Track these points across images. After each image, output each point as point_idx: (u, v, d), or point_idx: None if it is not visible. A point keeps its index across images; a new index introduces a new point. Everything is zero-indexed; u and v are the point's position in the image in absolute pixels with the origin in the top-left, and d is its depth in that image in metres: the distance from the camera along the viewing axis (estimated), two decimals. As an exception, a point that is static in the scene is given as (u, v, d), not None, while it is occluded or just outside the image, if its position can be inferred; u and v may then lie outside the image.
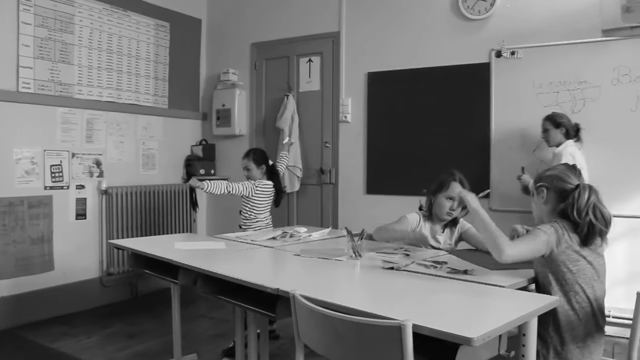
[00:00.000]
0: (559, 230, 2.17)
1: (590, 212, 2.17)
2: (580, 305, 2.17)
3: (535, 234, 2.19)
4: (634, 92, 4.08)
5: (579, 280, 2.17)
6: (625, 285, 3.95)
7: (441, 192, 2.98)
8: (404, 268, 2.36)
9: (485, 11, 4.58)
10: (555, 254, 2.16)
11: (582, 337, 2.17)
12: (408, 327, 1.48)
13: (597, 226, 2.17)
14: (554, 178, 2.31)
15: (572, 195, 2.21)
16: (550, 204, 2.31)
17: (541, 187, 2.34)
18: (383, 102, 5.05)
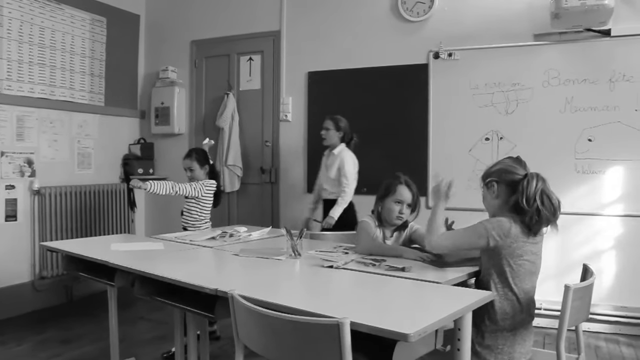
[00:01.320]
0: (507, 224, 2.23)
1: (537, 199, 2.22)
2: (516, 296, 2.25)
3: (474, 227, 2.26)
4: (563, 94, 4.27)
5: (519, 274, 2.25)
6: (555, 279, 4.11)
7: (389, 197, 2.95)
8: (343, 266, 2.38)
9: (424, 13, 4.68)
10: (500, 247, 2.22)
11: (515, 327, 2.25)
12: (346, 325, 1.50)
13: (543, 213, 2.22)
14: (502, 171, 2.37)
15: (521, 185, 2.27)
16: (501, 198, 2.35)
17: (491, 182, 2.39)
18: (324, 102, 5.07)
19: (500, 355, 2.24)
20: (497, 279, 2.25)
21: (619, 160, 4.17)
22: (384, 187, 2.99)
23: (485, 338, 2.25)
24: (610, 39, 4.17)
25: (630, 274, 4.21)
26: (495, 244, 2.21)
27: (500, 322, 2.24)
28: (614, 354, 3.80)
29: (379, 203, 3.00)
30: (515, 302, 2.25)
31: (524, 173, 2.31)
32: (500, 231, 2.21)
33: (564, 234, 4.24)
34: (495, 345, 2.24)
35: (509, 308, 2.24)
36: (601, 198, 4.23)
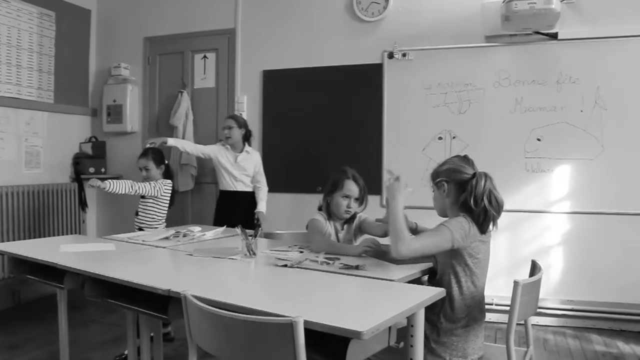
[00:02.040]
0: (466, 224, 2.26)
1: (485, 198, 2.28)
2: (470, 292, 2.30)
3: (439, 230, 2.25)
4: (513, 95, 4.39)
5: (476, 270, 2.30)
6: (506, 275, 4.23)
7: (336, 192, 2.99)
8: (297, 265, 2.38)
9: (379, 13, 4.72)
10: (462, 248, 2.25)
11: (469, 323, 2.30)
12: (299, 324, 1.50)
13: (489, 211, 2.28)
14: (451, 171, 2.40)
15: (470, 184, 2.31)
16: (451, 197, 2.39)
17: (441, 182, 2.42)
18: (279, 100, 5.07)
19: (455, 352, 2.28)
20: (457, 277, 2.29)
21: (565, 159, 4.31)
22: (332, 182, 3.02)
23: (440, 335, 2.28)
24: (557, 42, 4.31)
25: (576, 269, 4.36)
26: (458, 245, 2.24)
27: (457, 319, 2.28)
28: (561, 347, 3.93)
29: (327, 198, 3.04)
30: (473, 299, 2.30)
31: (473, 172, 2.36)
32: (463, 233, 2.24)
33: (514, 231, 4.40)
34: (450, 342, 2.28)
35: (466, 305, 2.29)
36: (549, 196, 4.36)
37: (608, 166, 4.23)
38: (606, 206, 4.25)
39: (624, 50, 4.19)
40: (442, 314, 2.28)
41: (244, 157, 4.55)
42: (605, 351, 3.84)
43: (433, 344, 2.29)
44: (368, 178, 3.15)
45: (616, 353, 3.80)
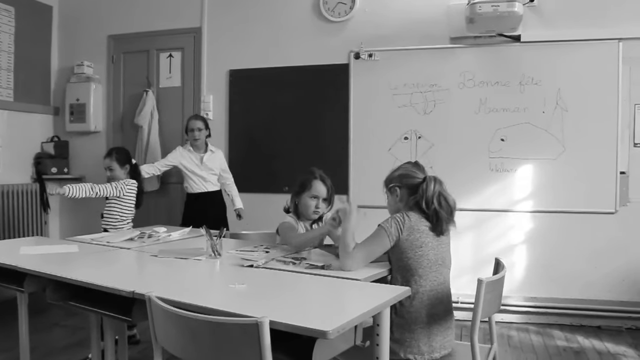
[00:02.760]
0: (400, 218, 2.34)
1: (435, 201, 2.37)
2: (424, 289, 2.31)
3: (375, 232, 2.36)
4: (477, 95, 4.45)
5: (422, 265, 2.32)
6: (471, 273, 4.29)
7: (305, 192, 3.01)
8: (263, 265, 2.38)
9: (345, 14, 4.74)
10: (400, 242, 2.32)
11: (426, 322, 2.31)
12: (265, 324, 1.50)
13: (441, 214, 2.37)
14: (403, 176, 2.50)
15: (420, 188, 2.41)
16: (403, 201, 2.48)
17: (394, 187, 2.51)
18: (245, 100, 5.04)
19: (409, 349, 2.29)
20: (402, 272, 2.33)
21: (528, 159, 4.40)
22: (300, 183, 3.04)
23: (394, 332, 2.28)
24: (520, 44, 4.39)
25: (539, 267, 4.46)
26: (395, 240, 2.32)
27: (410, 316, 2.29)
28: (524, 343, 4.00)
29: (295, 199, 3.06)
30: (424, 294, 2.31)
31: (423, 176, 2.46)
32: (397, 227, 2.32)
33: (479, 230, 4.47)
34: (404, 338, 2.29)
35: (416, 301, 2.30)
36: (513, 195, 4.44)
37: (569, 166, 4.33)
38: (567, 205, 4.35)
39: (583, 53, 4.29)
40: (393, 311, 2.29)
41: (209, 157, 4.55)
42: (566, 346, 3.93)
43: (399, 341, 2.30)
44: (335, 178, 3.16)
45: (576, 348, 3.90)
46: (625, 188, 4.29)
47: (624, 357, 3.71)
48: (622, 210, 4.30)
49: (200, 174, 4.50)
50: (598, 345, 3.95)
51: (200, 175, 4.51)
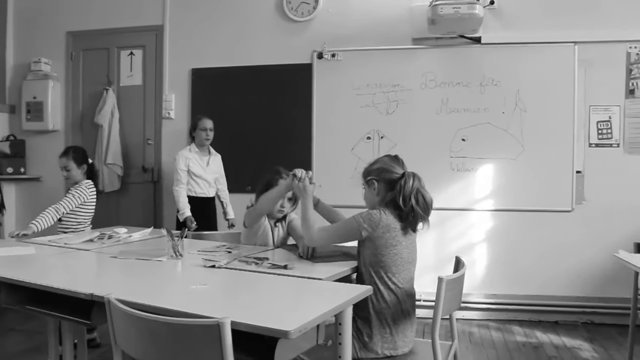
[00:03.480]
0: (377, 215, 2.32)
1: (413, 197, 2.35)
2: (396, 286, 2.34)
3: (347, 221, 2.36)
4: (439, 96, 4.52)
5: (396, 263, 2.34)
6: (433, 272, 4.33)
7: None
8: (225, 266, 2.36)
9: (308, 14, 4.74)
10: (373, 237, 2.31)
11: (395, 318, 2.34)
12: (226, 325, 1.49)
13: (417, 211, 2.36)
14: (382, 170, 2.47)
15: (399, 184, 2.38)
16: (380, 195, 2.46)
17: (371, 180, 2.48)
18: (208, 99, 5.00)
19: (386, 345, 2.31)
20: (374, 268, 2.33)
21: (489, 158, 4.49)
22: (265, 182, 2.98)
23: (372, 328, 2.31)
24: (480, 45, 4.47)
25: (499, 264, 4.55)
26: (367, 234, 2.31)
27: (385, 312, 2.32)
28: (485, 339, 4.08)
29: (260, 197, 2.97)
30: (395, 292, 2.34)
31: (402, 172, 2.43)
32: (371, 222, 2.31)
33: (441, 228, 4.53)
34: (382, 334, 2.32)
35: (389, 298, 2.33)
36: (474, 194, 4.52)
37: (528, 165, 4.43)
38: (526, 203, 4.45)
39: (541, 55, 4.40)
40: (371, 307, 2.31)
41: (213, 160, 4.46)
42: (525, 341, 4.02)
43: (366, 337, 2.32)
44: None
45: (535, 343, 3.99)
46: (580, 187, 4.41)
47: (580, 351, 3.82)
48: (578, 208, 4.42)
49: (206, 178, 4.38)
50: (555, 339, 4.06)
51: (205, 179, 4.38)
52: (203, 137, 4.34)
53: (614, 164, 4.40)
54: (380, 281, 2.32)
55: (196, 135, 4.37)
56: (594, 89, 4.41)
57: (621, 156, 4.41)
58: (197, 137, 4.36)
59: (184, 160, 4.28)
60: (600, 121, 4.43)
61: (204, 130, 4.34)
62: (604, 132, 4.43)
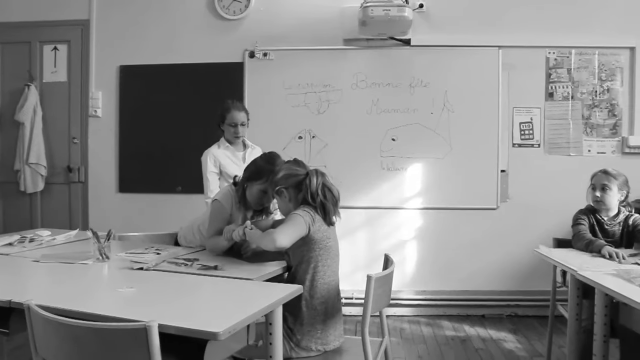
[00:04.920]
0: (311, 211, 2.37)
1: (320, 192, 2.42)
2: (327, 279, 2.38)
3: (294, 218, 2.34)
4: (370, 96, 4.59)
5: (329, 256, 2.40)
6: (364, 270, 4.39)
7: (256, 182, 2.72)
8: (154, 268, 2.32)
9: (240, 12, 4.71)
10: (312, 232, 2.34)
11: (327, 310, 2.37)
12: (153, 328, 1.46)
13: (327, 204, 2.43)
14: (286, 177, 2.50)
15: (304, 183, 2.44)
16: (293, 200, 2.49)
17: (280, 190, 2.51)
18: (137, 97, 4.87)
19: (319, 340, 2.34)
20: (311, 264, 2.36)
21: (418, 158, 4.60)
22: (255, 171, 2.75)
23: (304, 325, 2.33)
24: (410, 47, 4.57)
25: (428, 261, 4.67)
26: (309, 230, 2.34)
27: (317, 307, 2.34)
28: (415, 334, 4.18)
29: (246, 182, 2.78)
30: (330, 286, 2.39)
31: (305, 171, 2.49)
32: (310, 218, 2.35)
33: (371, 227, 4.61)
34: (315, 330, 2.34)
35: (325, 292, 2.36)
36: (403, 193, 4.62)
37: (455, 165, 4.57)
38: (454, 202, 4.59)
39: (468, 58, 4.55)
40: (304, 304, 2.33)
41: (250, 154, 3.60)
42: (454, 335, 4.15)
43: (299, 335, 2.32)
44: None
45: (463, 336, 4.12)
46: (505, 185, 4.59)
47: (505, 342, 3.98)
48: (502, 206, 4.60)
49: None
50: (482, 332, 4.20)
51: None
52: (232, 134, 3.59)
53: (535, 164, 4.61)
54: (315, 276, 2.35)
55: (225, 130, 3.63)
56: (516, 92, 4.60)
57: (542, 156, 4.62)
58: (226, 132, 3.63)
59: (212, 159, 3.54)
60: (523, 122, 4.63)
61: (233, 125, 3.58)
62: (526, 133, 4.63)
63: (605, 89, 4.59)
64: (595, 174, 3.09)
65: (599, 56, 4.59)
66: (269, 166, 2.67)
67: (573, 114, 4.61)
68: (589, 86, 4.59)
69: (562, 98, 4.61)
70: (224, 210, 2.76)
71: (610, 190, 2.99)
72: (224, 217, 2.76)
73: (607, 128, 4.61)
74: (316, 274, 2.36)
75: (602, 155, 4.59)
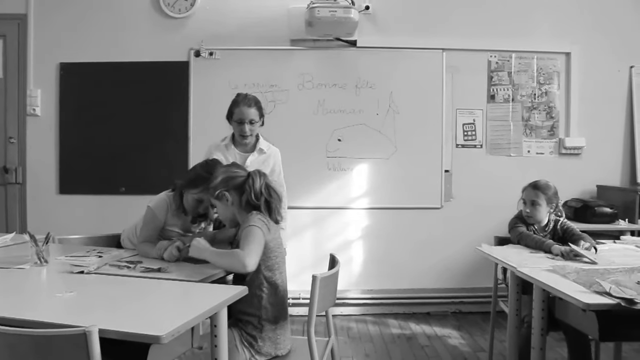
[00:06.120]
0: (265, 219, 2.34)
1: (264, 192, 2.40)
2: (280, 284, 2.37)
3: (253, 232, 2.25)
4: (316, 97, 4.61)
5: (280, 261, 2.38)
6: (311, 270, 4.39)
7: (192, 191, 2.68)
8: (95, 271, 2.26)
9: (186, 10, 4.64)
10: (268, 241, 2.30)
11: (279, 317, 2.35)
12: (93, 334, 1.43)
13: (272, 203, 2.41)
14: (227, 179, 2.45)
15: (247, 184, 2.40)
16: (236, 202, 2.43)
17: (221, 193, 2.43)
18: (78, 96, 4.72)
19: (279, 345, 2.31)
20: (267, 270, 2.31)
21: (363, 158, 4.65)
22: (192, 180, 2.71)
23: (264, 332, 2.29)
24: (356, 49, 4.62)
25: (375, 261, 4.73)
26: (267, 238, 2.30)
27: (275, 313, 2.32)
28: (362, 333, 4.22)
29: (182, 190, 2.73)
30: (281, 289, 2.37)
31: (246, 173, 2.47)
32: (265, 226, 2.31)
33: (318, 227, 4.64)
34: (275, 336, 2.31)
35: (275, 298, 2.33)
36: (349, 193, 4.66)
37: (400, 165, 4.64)
38: (399, 201, 4.66)
39: (413, 60, 4.64)
40: (264, 312, 2.29)
41: (256, 159, 3.26)
42: (400, 333, 4.21)
43: (260, 342, 2.28)
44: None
45: (409, 334, 4.19)
46: (449, 185, 4.70)
47: (449, 339, 4.07)
48: (446, 205, 4.70)
49: None
50: (428, 330, 4.29)
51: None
52: (238, 132, 3.23)
53: (477, 164, 4.74)
54: (269, 282, 2.32)
55: (233, 127, 3.29)
56: (460, 94, 4.71)
57: (484, 156, 4.75)
58: (234, 129, 3.29)
59: (209, 154, 3.23)
60: (466, 123, 4.74)
61: (240, 123, 3.19)
62: (469, 134, 4.74)
63: (543, 92, 4.76)
64: (526, 188, 3.17)
65: (538, 60, 4.76)
66: (206, 175, 2.60)
67: (513, 116, 4.76)
68: (528, 89, 4.75)
69: (503, 100, 4.75)
70: (156, 219, 2.74)
71: (539, 206, 3.09)
72: (155, 225, 2.74)
73: (545, 130, 4.78)
74: (274, 281, 2.33)
75: (540, 156, 4.77)
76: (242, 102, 3.23)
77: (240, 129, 3.19)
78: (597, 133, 4.76)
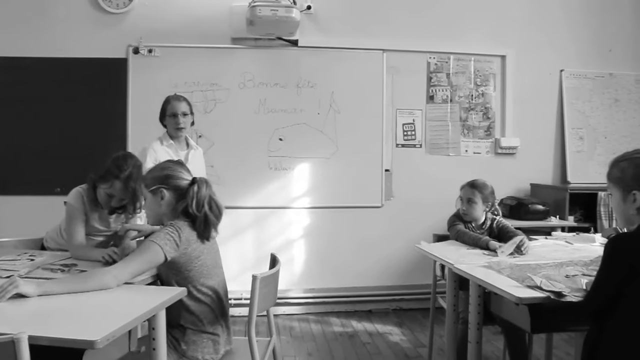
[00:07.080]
0: (175, 233, 2.14)
1: (206, 204, 2.24)
2: (208, 294, 2.26)
3: (146, 247, 2.10)
4: (257, 96, 4.60)
5: (203, 273, 2.24)
6: (252, 270, 4.37)
7: (102, 185, 2.63)
8: (26, 275, 2.17)
9: (124, 6, 4.53)
10: (176, 257, 2.14)
11: (212, 323, 2.27)
12: (22, 341, 1.37)
13: (210, 218, 2.25)
14: (169, 177, 2.31)
15: (191, 191, 2.25)
16: (170, 205, 2.29)
17: (160, 189, 2.29)
18: (6, 93, 4.49)
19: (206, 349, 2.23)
20: (184, 285, 2.17)
21: (305, 157, 4.67)
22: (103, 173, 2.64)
23: (187, 335, 2.21)
24: (297, 48, 4.63)
25: (317, 260, 4.75)
26: (171, 257, 2.12)
27: (199, 320, 2.23)
28: (305, 332, 4.23)
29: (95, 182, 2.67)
30: (209, 298, 2.26)
31: (191, 179, 2.31)
32: (173, 243, 2.12)
33: (259, 227, 4.63)
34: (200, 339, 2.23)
35: (201, 308, 2.23)
36: (291, 192, 4.67)
37: (342, 164, 4.68)
38: (341, 200, 4.70)
39: (354, 60, 4.69)
40: (186, 319, 2.20)
41: (193, 155, 3.47)
42: (342, 331, 4.25)
43: (184, 345, 2.20)
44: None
45: (351, 332, 4.24)
46: (389, 184, 4.77)
47: (391, 335, 4.14)
48: (387, 204, 4.77)
49: None
50: (369, 327, 4.34)
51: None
52: (173, 125, 3.40)
53: (417, 163, 4.83)
54: (190, 294, 2.18)
55: (167, 124, 3.45)
56: (400, 94, 4.79)
57: (423, 156, 4.85)
58: (168, 126, 3.44)
59: (153, 156, 3.28)
60: (406, 123, 4.83)
61: (174, 116, 3.39)
62: (408, 134, 4.83)
63: (480, 93, 4.90)
64: (464, 187, 3.25)
65: (475, 62, 4.90)
66: (116, 171, 2.58)
67: (452, 116, 4.88)
68: (465, 90, 4.88)
69: (441, 101, 4.86)
70: (78, 211, 2.67)
71: (475, 204, 3.18)
72: (81, 219, 2.67)
73: (482, 130, 4.92)
74: (190, 293, 2.19)
75: (477, 155, 4.91)
76: (172, 98, 3.48)
77: (175, 122, 3.38)
78: (530, 133, 4.94)
